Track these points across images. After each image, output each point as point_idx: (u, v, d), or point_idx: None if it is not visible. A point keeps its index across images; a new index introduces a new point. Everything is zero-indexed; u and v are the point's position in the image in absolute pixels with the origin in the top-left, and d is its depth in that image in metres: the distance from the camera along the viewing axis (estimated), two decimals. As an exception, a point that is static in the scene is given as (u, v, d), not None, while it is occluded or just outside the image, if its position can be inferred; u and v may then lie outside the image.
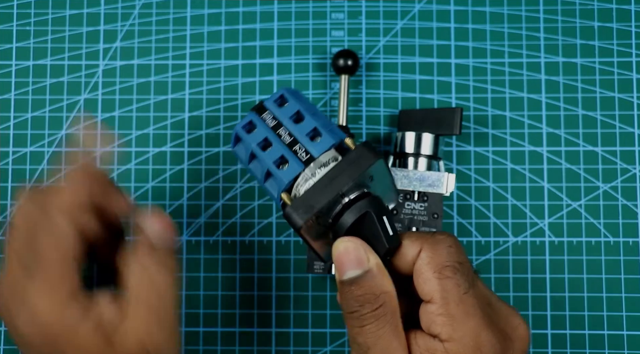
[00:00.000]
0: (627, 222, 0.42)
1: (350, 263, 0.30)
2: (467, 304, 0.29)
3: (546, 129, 0.43)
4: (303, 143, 0.33)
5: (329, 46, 0.44)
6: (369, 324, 0.29)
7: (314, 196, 0.30)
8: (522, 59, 0.44)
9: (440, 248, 0.30)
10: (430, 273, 0.29)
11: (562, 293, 0.42)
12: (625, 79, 0.43)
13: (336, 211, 0.31)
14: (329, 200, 0.30)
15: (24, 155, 0.43)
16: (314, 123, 0.33)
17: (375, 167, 0.31)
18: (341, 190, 0.30)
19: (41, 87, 0.44)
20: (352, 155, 0.31)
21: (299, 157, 0.33)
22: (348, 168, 0.31)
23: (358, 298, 0.30)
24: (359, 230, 0.31)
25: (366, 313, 0.29)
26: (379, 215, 0.31)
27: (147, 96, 0.44)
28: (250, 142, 0.34)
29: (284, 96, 0.34)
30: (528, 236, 0.42)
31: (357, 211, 0.31)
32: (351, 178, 0.30)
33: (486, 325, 0.29)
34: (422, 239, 0.31)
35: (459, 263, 0.30)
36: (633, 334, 0.41)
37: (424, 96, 0.44)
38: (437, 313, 0.29)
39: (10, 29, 0.44)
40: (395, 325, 0.30)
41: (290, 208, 0.30)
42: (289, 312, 0.42)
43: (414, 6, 0.44)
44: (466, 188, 0.43)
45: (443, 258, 0.30)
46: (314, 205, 0.30)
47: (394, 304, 0.30)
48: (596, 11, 0.44)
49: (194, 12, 0.45)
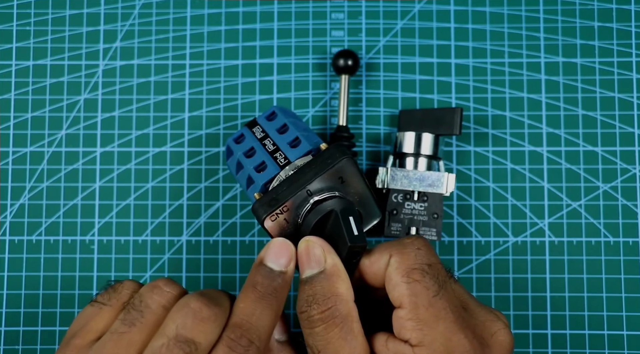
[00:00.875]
0: (627, 222, 0.42)
1: (308, 262, 0.30)
2: (437, 308, 0.28)
3: (546, 129, 0.43)
4: (283, 150, 0.35)
5: (329, 46, 0.44)
6: (317, 327, 0.29)
7: (279, 191, 0.32)
8: (522, 59, 0.44)
9: (407, 252, 0.30)
10: (399, 277, 0.29)
11: (562, 293, 0.42)
12: (625, 79, 0.43)
13: (304, 211, 0.32)
14: (292, 194, 0.31)
15: (24, 155, 0.43)
16: (296, 133, 0.35)
17: (342, 166, 0.32)
18: (306, 185, 0.31)
19: (41, 87, 0.44)
20: (320, 155, 0.32)
21: (278, 162, 0.34)
22: (314, 167, 0.32)
23: (307, 298, 0.29)
24: (324, 229, 0.31)
25: (314, 314, 0.29)
26: (345, 214, 0.31)
27: (147, 96, 0.44)
28: (237, 151, 0.36)
29: (275, 112, 0.37)
30: (528, 236, 0.42)
31: (321, 210, 0.31)
32: (316, 174, 0.31)
33: (459, 329, 0.29)
34: (390, 246, 0.30)
35: (428, 265, 0.29)
36: (633, 334, 0.41)
37: (424, 96, 0.44)
38: (407, 318, 0.29)
39: (10, 29, 0.44)
40: (347, 331, 0.29)
41: (257, 202, 0.32)
42: (288, 312, 0.42)
43: (414, 6, 0.44)
44: (466, 188, 0.43)
45: (410, 261, 0.29)
46: (279, 199, 0.31)
47: (346, 308, 0.29)
48: (596, 11, 0.44)
49: (194, 12, 0.45)
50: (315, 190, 0.32)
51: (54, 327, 0.42)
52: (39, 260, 0.42)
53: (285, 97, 0.44)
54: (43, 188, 0.43)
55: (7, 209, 0.43)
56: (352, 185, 0.33)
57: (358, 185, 0.33)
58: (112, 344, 0.28)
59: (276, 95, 0.44)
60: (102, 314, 0.30)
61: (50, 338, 0.42)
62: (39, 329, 0.42)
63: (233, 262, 0.43)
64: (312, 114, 0.43)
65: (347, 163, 0.32)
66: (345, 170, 0.32)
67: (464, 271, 0.42)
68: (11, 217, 0.43)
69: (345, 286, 0.30)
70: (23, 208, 0.43)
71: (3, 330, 0.42)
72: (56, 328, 0.42)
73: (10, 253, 0.42)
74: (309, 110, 0.44)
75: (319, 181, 0.32)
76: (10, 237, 0.43)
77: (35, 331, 0.42)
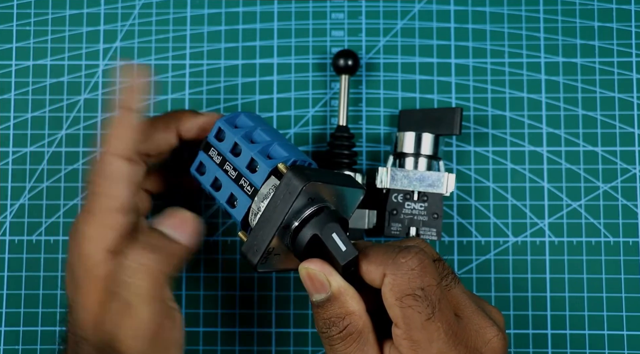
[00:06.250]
0: (627, 222, 0.42)
1: (315, 288, 0.31)
2: (430, 330, 0.29)
3: (546, 129, 0.43)
4: (246, 176, 0.34)
5: (329, 46, 0.44)
6: (336, 345, 0.30)
7: (260, 234, 0.32)
8: (522, 59, 0.44)
9: (401, 275, 0.30)
10: (393, 300, 0.30)
11: (562, 293, 0.42)
12: (625, 79, 0.43)
13: (290, 236, 0.32)
14: (270, 237, 0.31)
15: (24, 155, 0.43)
16: (249, 154, 0.35)
17: (305, 191, 0.31)
18: (279, 224, 0.31)
19: (41, 87, 0.44)
20: (282, 185, 0.31)
21: (245, 191, 0.34)
22: (281, 201, 0.31)
23: (325, 320, 0.31)
24: (314, 250, 0.31)
25: (333, 334, 0.30)
26: (327, 234, 0.31)
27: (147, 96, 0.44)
28: (205, 183, 0.36)
29: (221, 129, 0.36)
30: (528, 236, 0.42)
31: (306, 235, 0.31)
32: (283, 210, 0.31)
33: (452, 347, 0.29)
34: (385, 262, 0.30)
35: (421, 289, 0.29)
36: (633, 334, 0.41)
37: (424, 96, 0.44)
38: (402, 337, 0.29)
39: (10, 29, 0.44)
40: (363, 343, 0.30)
41: (245, 248, 0.32)
42: (289, 312, 0.42)
43: (414, 6, 0.44)
44: (466, 188, 0.43)
45: (404, 286, 0.29)
46: (261, 245, 0.31)
47: (361, 323, 0.30)
48: (596, 11, 0.44)
49: (194, 12, 0.45)
50: (290, 217, 0.31)
51: (54, 327, 0.42)
52: (39, 260, 0.42)
53: (285, 97, 0.44)
54: (43, 188, 0.43)
55: (7, 209, 0.43)
56: (327, 192, 0.33)
57: (327, 191, 0.33)
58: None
59: (276, 95, 0.44)
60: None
61: (50, 338, 0.42)
62: (39, 329, 0.42)
63: (233, 262, 0.43)
64: (312, 114, 0.43)
65: (310, 187, 0.31)
66: (313, 190, 0.32)
67: (464, 271, 0.42)
68: (11, 217, 0.43)
69: (355, 302, 0.31)
70: (23, 208, 0.43)
71: (3, 330, 0.42)
72: (56, 328, 0.42)
73: (10, 253, 0.42)
74: (309, 110, 0.44)
75: (290, 212, 0.31)
76: (10, 237, 0.43)
77: (35, 331, 0.42)
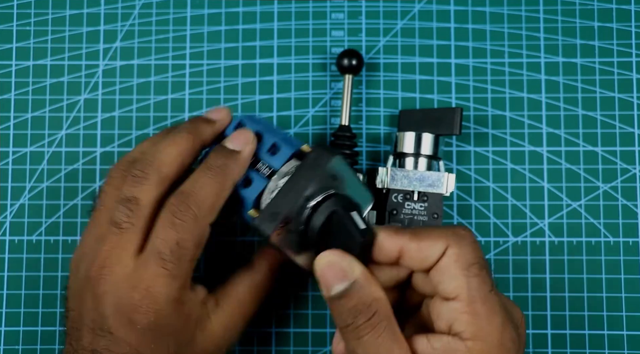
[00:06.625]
0: (627, 222, 0.42)
1: (336, 277, 0.30)
2: (493, 303, 0.29)
3: (546, 129, 0.43)
4: (264, 159, 0.34)
5: (329, 46, 0.44)
6: (366, 335, 0.29)
7: (278, 204, 0.31)
8: (522, 59, 0.44)
9: (465, 245, 0.30)
10: (459, 270, 0.29)
11: (562, 293, 0.42)
12: (625, 79, 0.43)
13: (305, 217, 0.31)
14: (292, 204, 0.31)
15: (24, 155, 0.43)
16: (273, 139, 0.34)
17: (332, 165, 0.31)
18: (303, 192, 0.31)
19: (41, 87, 0.44)
20: (309, 158, 0.32)
21: (262, 173, 0.34)
22: (307, 172, 0.31)
23: (350, 310, 0.29)
24: (330, 231, 0.31)
25: (361, 324, 0.29)
26: (346, 211, 0.31)
27: (147, 96, 0.44)
28: None
29: (242, 122, 0.36)
30: (528, 236, 0.42)
31: (323, 212, 0.31)
32: (310, 179, 0.31)
33: (508, 322, 0.29)
34: (446, 235, 0.30)
35: (484, 260, 0.30)
36: (633, 334, 0.41)
37: (424, 96, 0.44)
38: (462, 311, 0.29)
39: (10, 29, 0.44)
40: (392, 331, 0.29)
41: (258, 219, 0.31)
42: (289, 312, 0.42)
43: (414, 6, 0.44)
44: (466, 188, 0.43)
45: (470, 255, 0.29)
46: (279, 211, 0.31)
47: (388, 309, 0.30)
48: (596, 11, 0.44)
49: (194, 12, 0.45)
50: (311, 194, 0.31)
51: (54, 327, 0.42)
52: (39, 260, 0.42)
53: (285, 97, 0.44)
54: (43, 188, 0.43)
55: (7, 209, 0.43)
56: (346, 181, 0.33)
57: (351, 180, 0.33)
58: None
59: (276, 95, 0.44)
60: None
61: (50, 338, 0.42)
62: (39, 329, 0.42)
63: (233, 262, 0.42)
64: (312, 114, 0.43)
65: (338, 161, 0.32)
66: (337, 168, 0.32)
67: (464, 271, 0.42)
68: (11, 217, 0.43)
69: (379, 287, 0.30)
70: (23, 208, 0.43)
71: (3, 330, 0.42)
72: (56, 328, 0.42)
73: (10, 253, 0.42)
74: (309, 110, 0.44)
75: (314, 184, 0.31)
76: (10, 237, 0.43)
77: (35, 331, 0.42)
